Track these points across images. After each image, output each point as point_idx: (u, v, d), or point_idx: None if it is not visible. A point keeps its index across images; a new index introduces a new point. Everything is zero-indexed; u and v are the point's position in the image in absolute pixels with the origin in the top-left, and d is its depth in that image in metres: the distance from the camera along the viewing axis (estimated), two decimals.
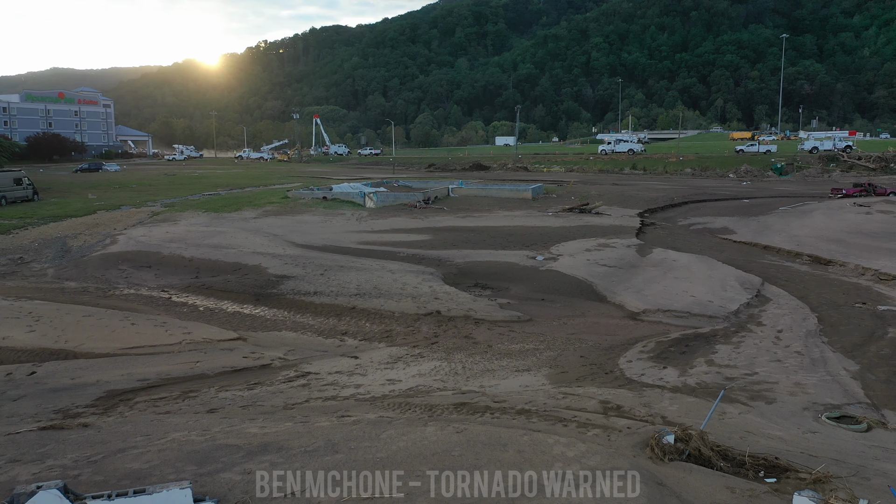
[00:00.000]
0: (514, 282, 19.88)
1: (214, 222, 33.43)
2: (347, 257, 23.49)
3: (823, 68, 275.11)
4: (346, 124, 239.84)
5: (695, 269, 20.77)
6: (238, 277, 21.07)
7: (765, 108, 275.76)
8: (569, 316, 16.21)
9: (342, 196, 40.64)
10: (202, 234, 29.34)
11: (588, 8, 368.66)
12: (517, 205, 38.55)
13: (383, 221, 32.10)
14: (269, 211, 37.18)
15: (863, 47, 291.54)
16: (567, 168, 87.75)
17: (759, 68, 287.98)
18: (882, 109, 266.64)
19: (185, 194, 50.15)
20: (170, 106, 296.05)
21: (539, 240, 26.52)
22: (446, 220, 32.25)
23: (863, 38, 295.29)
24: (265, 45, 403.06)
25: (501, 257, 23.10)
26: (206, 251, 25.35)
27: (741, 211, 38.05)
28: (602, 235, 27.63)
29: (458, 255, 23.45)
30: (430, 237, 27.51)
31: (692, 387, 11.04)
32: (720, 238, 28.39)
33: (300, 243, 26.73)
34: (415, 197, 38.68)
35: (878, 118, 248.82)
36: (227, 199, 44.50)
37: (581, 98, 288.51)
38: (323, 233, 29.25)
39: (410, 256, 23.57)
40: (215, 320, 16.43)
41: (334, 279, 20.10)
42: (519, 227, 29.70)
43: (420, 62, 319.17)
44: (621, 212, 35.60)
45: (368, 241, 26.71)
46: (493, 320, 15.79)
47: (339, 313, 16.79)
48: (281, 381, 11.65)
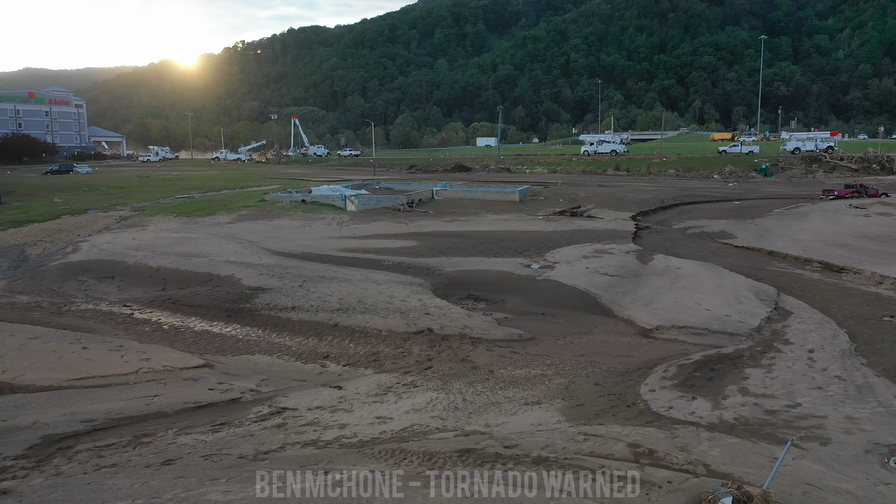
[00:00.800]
0: (510, 293, 18.35)
1: (185, 228, 31.50)
2: (328, 266, 21.79)
3: (799, 70, 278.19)
4: (325, 125, 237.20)
5: (703, 278, 19.39)
6: (208, 290, 19.28)
7: (742, 109, 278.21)
8: (574, 333, 14.70)
9: (322, 199, 38.87)
10: (172, 241, 27.43)
11: (567, 9, 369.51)
12: (505, 208, 37.08)
13: (366, 226, 30.39)
14: (245, 215, 35.26)
15: (837, 49, 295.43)
16: (550, 169, 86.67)
17: (737, 70, 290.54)
18: (857, 111, 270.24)
19: (156, 197, 48.02)
20: (146, 107, 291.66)
21: (532, 246, 25.03)
22: (432, 225, 30.64)
23: (837, 40, 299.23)
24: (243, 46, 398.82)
25: (494, 266, 21.54)
26: (174, 260, 23.49)
27: (735, 213, 36.93)
28: (597, 241, 26.22)
29: (448, 264, 21.87)
30: (416, 243, 25.90)
31: (730, 423, 9.56)
32: (720, 243, 27.12)
33: (277, 251, 24.97)
34: (398, 200, 37.04)
35: (853, 119, 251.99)
36: (200, 203, 42.47)
37: (560, 99, 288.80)
38: (301, 239, 27.48)
39: (396, 265, 21.93)
40: (180, 342, 14.65)
41: (314, 292, 18.41)
42: (509, 232, 28.20)
43: (399, 63, 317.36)
44: (613, 215, 34.28)
45: (351, 248, 25.01)
46: (491, 339, 14.22)
47: (319, 332, 15.11)
48: (252, 419, 9.97)
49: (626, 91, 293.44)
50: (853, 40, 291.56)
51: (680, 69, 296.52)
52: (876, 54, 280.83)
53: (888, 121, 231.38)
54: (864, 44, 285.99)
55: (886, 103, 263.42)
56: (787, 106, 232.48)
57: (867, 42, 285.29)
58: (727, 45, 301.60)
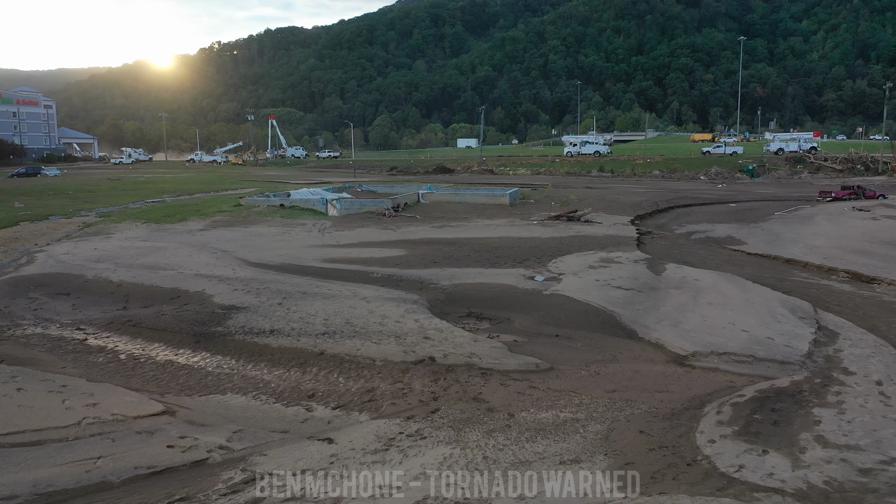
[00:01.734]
0: (516, 311, 16.38)
1: (154, 236, 29.07)
2: (311, 280, 19.63)
3: (775, 71, 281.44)
4: (303, 126, 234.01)
5: (727, 291, 17.58)
6: (176, 309, 17.05)
7: (719, 110, 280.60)
8: (598, 361, 12.76)
9: (302, 203, 36.64)
10: (137, 251, 25.04)
11: (544, 11, 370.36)
12: (496, 212, 35.16)
13: (350, 233, 28.22)
14: (219, 221, 32.86)
15: (811, 51, 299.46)
16: (534, 171, 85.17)
17: (713, 71, 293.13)
18: (831, 112, 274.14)
19: (125, 201, 45.31)
20: (119, 108, 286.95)
21: (532, 254, 23.11)
22: (421, 231, 28.58)
23: (811, 42, 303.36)
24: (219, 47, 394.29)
25: (494, 278, 19.57)
26: (139, 273, 21.16)
27: (735, 217, 35.42)
28: (600, 248, 24.37)
29: (443, 276, 19.84)
30: (405, 252, 23.82)
31: (822, 489, 7.68)
32: (730, 249, 25.40)
33: (254, 262, 22.74)
34: (382, 204, 34.95)
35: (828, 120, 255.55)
36: (171, 208, 39.96)
37: (539, 100, 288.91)
38: (281, 248, 25.25)
39: (386, 278, 19.85)
40: (138, 377, 12.44)
41: (296, 311, 16.27)
42: (505, 239, 26.26)
43: (377, 64, 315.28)
44: (611, 219, 32.52)
45: (335, 259, 22.86)
46: (504, 370, 12.23)
47: (303, 361, 12.99)
48: (221, 491, 7.88)
49: (604, 92, 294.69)
50: (827, 42, 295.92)
51: (657, 70, 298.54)
52: (849, 56, 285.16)
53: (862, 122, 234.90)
54: (837, 46, 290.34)
55: (860, 104, 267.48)
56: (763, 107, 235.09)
57: (840, 44, 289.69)
58: (704, 46, 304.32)
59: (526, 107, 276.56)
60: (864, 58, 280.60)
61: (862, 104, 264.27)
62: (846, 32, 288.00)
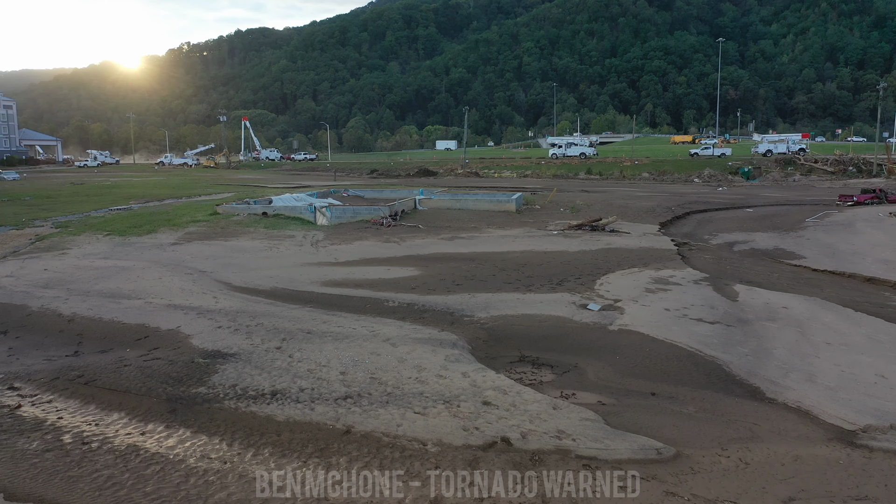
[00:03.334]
0: (582, 354, 12.86)
1: (118, 252, 24.87)
2: (313, 312, 15.86)
3: (746, 74, 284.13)
4: (275, 129, 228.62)
5: (833, 324, 14.28)
6: (143, 356, 13.19)
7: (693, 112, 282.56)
8: (735, 440, 9.27)
9: (287, 211, 32.69)
10: (97, 273, 20.91)
11: (518, 13, 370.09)
12: (504, 220, 31.64)
13: (348, 247, 24.34)
14: (194, 233, 28.61)
15: (781, 54, 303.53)
16: (519, 173, 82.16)
17: (686, 73, 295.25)
18: (802, 114, 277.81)
19: (87, 209, 40.70)
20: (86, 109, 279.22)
21: (568, 273, 19.60)
22: (430, 245, 24.86)
23: (781, 45, 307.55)
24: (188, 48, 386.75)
25: (538, 306, 16.00)
26: (97, 304, 17.15)
27: (764, 224, 32.41)
28: (643, 264, 20.97)
29: (475, 305, 16.21)
30: (419, 272, 20.10)
31: None
32: (789, 265, 22.15)
33: (239, 286, 18.83)
34: (378, 211, 31.20)
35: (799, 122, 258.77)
36: (139, 217, 35.41)
37: (514, 102, 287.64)
38: (270, 267, 21.29)
39: (406, 308, 16.16)
40: (85, 481, 8.64)
41: (302, 359, 12.54)
42: (529, 254, 22.70)
43: (350, 65, 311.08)
44: (637, 228, 29.21)
45: (337, 281, 19.05)
46: (613, 460, 8.69)
47: (323, 447, 9.28)
48: None
49: (578, 94, 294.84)
50: (796, 46, 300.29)
51: (631, 73, 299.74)
52: (818, 59, 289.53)
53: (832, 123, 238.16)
54: (806, 49, 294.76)
55: (830, 107, 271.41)
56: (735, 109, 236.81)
57: (810, 47, 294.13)
58: (676, 49, 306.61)
59: (501, 109, 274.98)
60: (832, 61, 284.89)
61: (832, 106, 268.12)
62: (815, 36, 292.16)
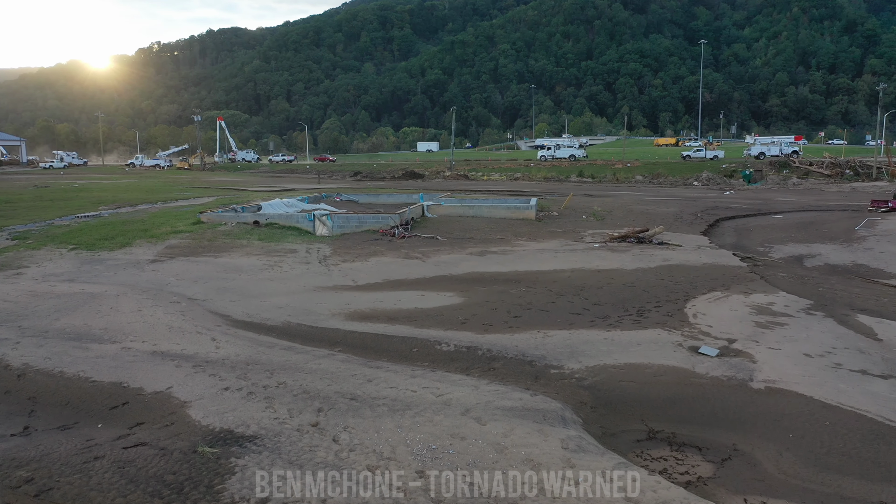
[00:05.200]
0: (735, 429, 9.26)
1: (86, 271, 20.37)
2: (350, 363, 10.98)
3: (721, 77, 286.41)
4: (249, 130, 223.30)
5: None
6: (121, 443, 9.05)
7: (669, 115, 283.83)
8: None
9: (281, 220, 28.78)
10: (59, 304, 16.28)
11: (493, 15, 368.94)
12: (530, 230, 28.15)
13: (364, 265, 20.47)
14: (177, 247, 24.13)
15: (754, 58, 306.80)
16: (509, 176, 79.09)
17: (662, 76, 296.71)
18: (776, 117, 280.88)
19: (51, 216, 35.12)
20: (52, 109, 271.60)
21: (642, 299, 16.03)
22: (460, 261, 21.08)
23: (754, 49, 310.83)
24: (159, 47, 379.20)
25: (636, 351, 12.27)
26: (58, 350, 12.93)
27: (811, 233, 29.41)
28: (722, 286, 17.50)
29: (555, 348, 12.48)
30: (460, 298, 16.33)
31: None
32: (888, 285, 18.87)
33: (242, 319, 14.78)
34: (386, 220, 27.47)
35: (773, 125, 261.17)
36: (110, 226, 30.31)
37: (490, 104, 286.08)
38: (276, 292, 16.96)
39: (468, 353, 12.35)
40: None
41: (353, 447, 8.68)
42: (581, 273, 19.13)
43: (325, 66, 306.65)
44: (683, 239, 25.93)
45: (365, 313, 15.09)
46: None
47: None
48: None
49: (555, 97, 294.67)
50: (769, 49, 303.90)
51: (607, 75, 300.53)
52: (791, 63, 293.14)
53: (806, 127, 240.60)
54: (779, 53, 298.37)
55: (803, 110, 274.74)
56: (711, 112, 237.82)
57: (782, 51, 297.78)
58: (651, 52, 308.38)
59: (477, 111, 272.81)
60: (804, 65, 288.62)
61: (805, 110, 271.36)
62: (787, 40, 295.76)
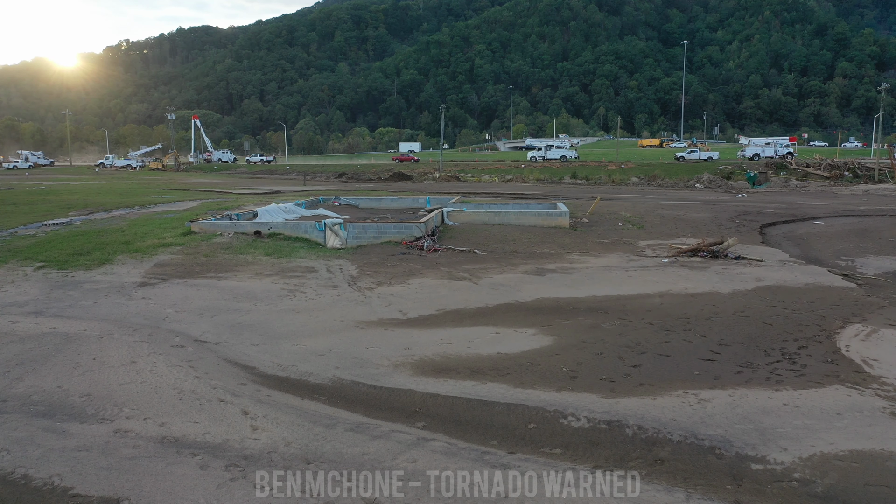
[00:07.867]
0: None
1: (57, 299, 14.88)
2: (456, 460, 6.66)
3: (696, 79, 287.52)
4: (221, 130, 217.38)
5: None
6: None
7: (644, 116, 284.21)
8: None
9: (285, 229, 24.92)
10: (22, 351, 10.03)
11: (468, 16, 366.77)
12: (573, 240, 24.72)
13: (405, 289, 15.85)
14: (168, 265, 18.73)
15: (728, 60, 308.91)
16: (501, 177, 76.09)
17: (637, 78, 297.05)
18: (750, 119, 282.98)
19: (14, 223, 28.93)
20: (17, 108, 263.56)
21: (770, 336, 12.46)
22: (521, 283, 16.96)
23: (727, 51, 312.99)
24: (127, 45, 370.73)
25: (843, 429, 8.61)
26: (18, 434, 8.20)
27: (876, 242, 26.48)
28: (855, 315, 14.05)
29: (723, 421, 8.91)
30: (548, 337, 12.54)
31: None
32: None
33: (274, 374, 10.69)
34: (409, 230, 23.82)
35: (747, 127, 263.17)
36: (84, 237, 24.52)
37: (467, 105, 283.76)
38: (308, 331, 11.90)
39: (609, 433, 8.69)
40: None
41: None
42: (675, 300, 15.51)
43: (299, 66, 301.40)
44: (756, 252, 22.70)
45: (436, 364, 11.22)
46: None
47: None
48: None
49: (531, 98, 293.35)
50: (742, 52, 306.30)
51: (583, 76, 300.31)
52: (763, 66, 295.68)
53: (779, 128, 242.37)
54: (752, 55, 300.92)
55: (776, 112, 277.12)
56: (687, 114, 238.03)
57: (755, 54, 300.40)
58: (626, 54, 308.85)
59: (454, 111, 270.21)
60: (777, 67, 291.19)
61: (778, 112, 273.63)
62: (759, 43, 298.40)
